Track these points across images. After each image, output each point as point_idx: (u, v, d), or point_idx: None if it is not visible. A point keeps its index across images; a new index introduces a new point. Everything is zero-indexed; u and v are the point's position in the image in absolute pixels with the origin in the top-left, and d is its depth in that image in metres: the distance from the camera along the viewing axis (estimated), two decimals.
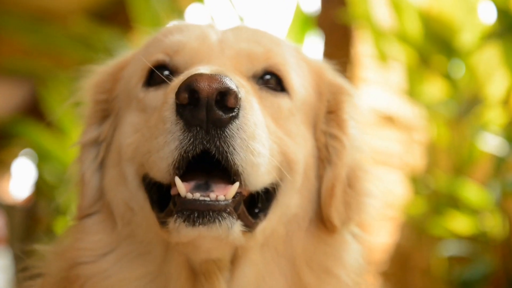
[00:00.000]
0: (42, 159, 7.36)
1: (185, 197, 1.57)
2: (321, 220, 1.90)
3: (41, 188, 7.65)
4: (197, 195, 1.56)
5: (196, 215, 1.55)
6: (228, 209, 1.57)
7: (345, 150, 1.92)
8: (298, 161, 1.82)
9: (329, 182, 1.90)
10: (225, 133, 1.57)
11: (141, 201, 1.79)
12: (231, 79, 1.58)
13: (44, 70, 7.22)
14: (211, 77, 1.55)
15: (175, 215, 1.57)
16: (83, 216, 1.93)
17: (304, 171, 1.85)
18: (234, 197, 1.60)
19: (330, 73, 2.04)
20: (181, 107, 1.56)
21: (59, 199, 6.10)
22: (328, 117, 1.97)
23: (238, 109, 1.58)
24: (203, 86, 1.54)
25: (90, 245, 1.85)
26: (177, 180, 1.58)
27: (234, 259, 1.75)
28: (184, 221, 1.55)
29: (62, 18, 8.51)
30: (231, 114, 1.57)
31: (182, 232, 1.57)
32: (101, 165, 1.96)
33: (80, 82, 2.04)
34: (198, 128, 1.56)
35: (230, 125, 1.57)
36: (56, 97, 6.52)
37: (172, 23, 2.43)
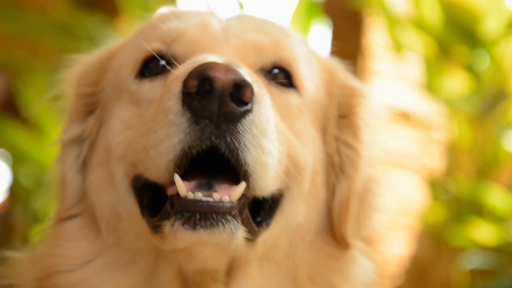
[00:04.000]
0: (17, 161, 7.36)
1: (186, 197, 1.56)
2: (328, 233, 1.90)
3: (16, 192, 7.65)
4: (199, 195, 1.56)
5: (198, 217, 1.54)
6: (233, 212, 1.57)
7: (361, 161, 1.92)
8: (306, 166, 1.82)
9: (343, 196, 1.90)
10: (237, 128, 1.57)
11: (129, 205, 1.79)
12: (246, 71, 1.59)
13: (20, 61, 7.22)
14: (227, 67, 1.56)
15: (173, 217, 1.56)
16: (62, 219, 1.92)
17: (312, 178, 1.85)
18: (239, 199, 1.59)
19: (342, 73, 2.04)
20: (188, 97, 1.56)
21: (36, 204, 6.11)
22: (340, 122, 1.97)
23: (252, 103, 1.59)
24: (219, 75, 1.54)
25: (70, 252, 1.84)
26: (177, 178, 1.57)
27: (230, 272, 1.75)
28: (183, 224, 1.55)
29: (40, 3, 8.51)
30: (245, 108, 1.57)
31: (180, 236, 1.56)
32: (83, 165, 1.95)
33: (60, 73, 2.04)
34: (207, 121, 1.55)
35: (243, 119, 1.58)
36: (33, 91, 6.52)
37: (166, 9, 2.44)
